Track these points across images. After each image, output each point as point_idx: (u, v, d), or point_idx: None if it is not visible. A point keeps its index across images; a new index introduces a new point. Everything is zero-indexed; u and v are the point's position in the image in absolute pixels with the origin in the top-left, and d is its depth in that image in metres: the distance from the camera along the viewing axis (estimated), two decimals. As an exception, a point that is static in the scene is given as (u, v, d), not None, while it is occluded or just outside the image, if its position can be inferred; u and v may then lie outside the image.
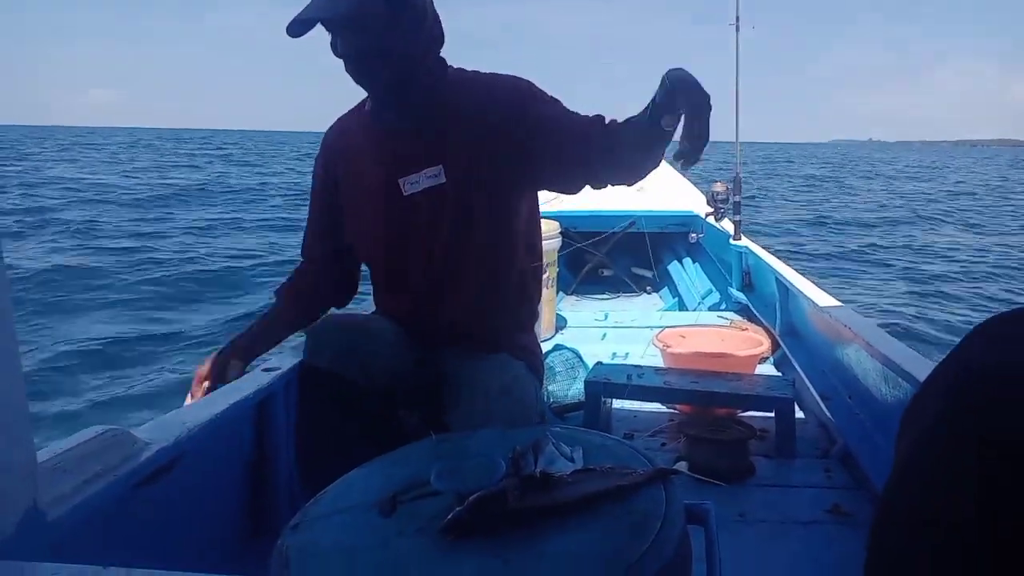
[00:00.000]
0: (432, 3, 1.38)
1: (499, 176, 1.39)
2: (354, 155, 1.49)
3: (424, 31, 1.36)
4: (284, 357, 1.59)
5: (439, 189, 1.39)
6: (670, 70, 1.22)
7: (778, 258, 3.25)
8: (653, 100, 1.24)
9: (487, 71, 1.47)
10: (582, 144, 1.34)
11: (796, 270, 2.94)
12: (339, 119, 1.56)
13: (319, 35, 1.33)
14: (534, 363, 1.53)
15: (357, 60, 1.33)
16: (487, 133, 1.37)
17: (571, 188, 1.44)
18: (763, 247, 3.54)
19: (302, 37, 1.31)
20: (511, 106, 1.38)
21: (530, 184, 1.47)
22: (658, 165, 1.37)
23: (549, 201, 4.35)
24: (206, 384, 1.43)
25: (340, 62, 1.34)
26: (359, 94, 1.44)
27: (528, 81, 1.43)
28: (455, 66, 1.46)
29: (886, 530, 0.48)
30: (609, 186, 1.41)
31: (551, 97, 1.41)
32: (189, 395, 1.44)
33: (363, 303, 1.81)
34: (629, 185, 1.41)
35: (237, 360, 1.47)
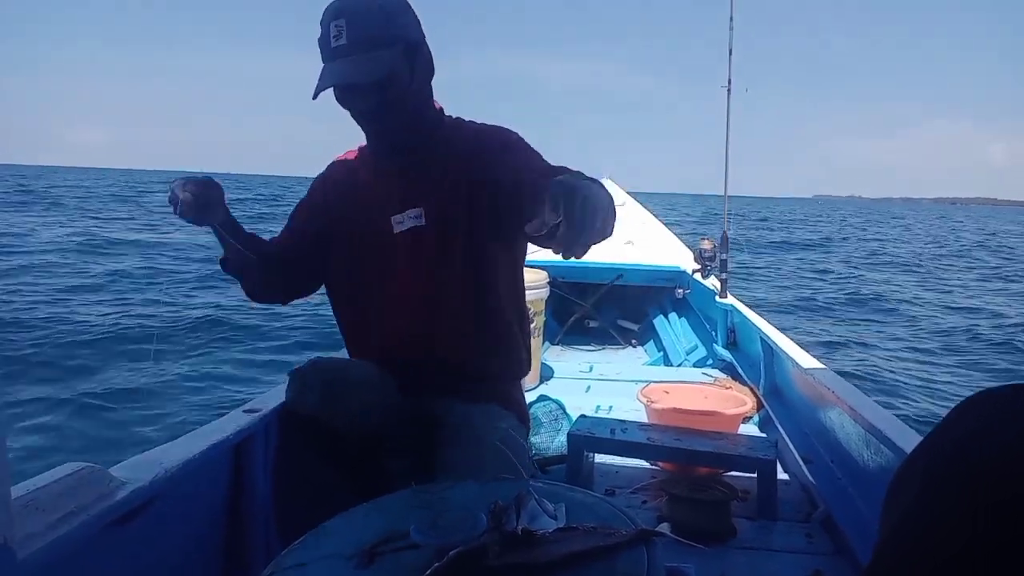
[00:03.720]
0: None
1: (477, 223, 1.41)
2: (351, 188, 1.52)
3: (430, 76, 1.41)
4: (264, 398, 1.57)
5: (420, 231, 1.43)
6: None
7: (763, 318, 3.27)
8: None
9: (481, 121, 1.50)
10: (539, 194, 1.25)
11: (781, 330, 2.96)
12: (347, 151, 1.59)
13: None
14: (523, 416, 1.53)
15: (377, 115, 1.36)
16: (465, 180, 1.40)
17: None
18: (749, 305, 3.57)
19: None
20: (489, 153, 1.40)
21: (506, 233, 1.44)
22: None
23: (538, 251, 4.38)
24: (189, 191, 1.26)
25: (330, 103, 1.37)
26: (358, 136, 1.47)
27: (514, 133, 1.44)
28: (453, 115, 1.50)
29: None
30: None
31: (531, 150, 1.41)
32: (177, 190, 1.26)
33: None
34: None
35: (224, 207, 1.34)
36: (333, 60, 1.31)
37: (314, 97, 1.32)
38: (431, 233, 1.42)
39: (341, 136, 1.45)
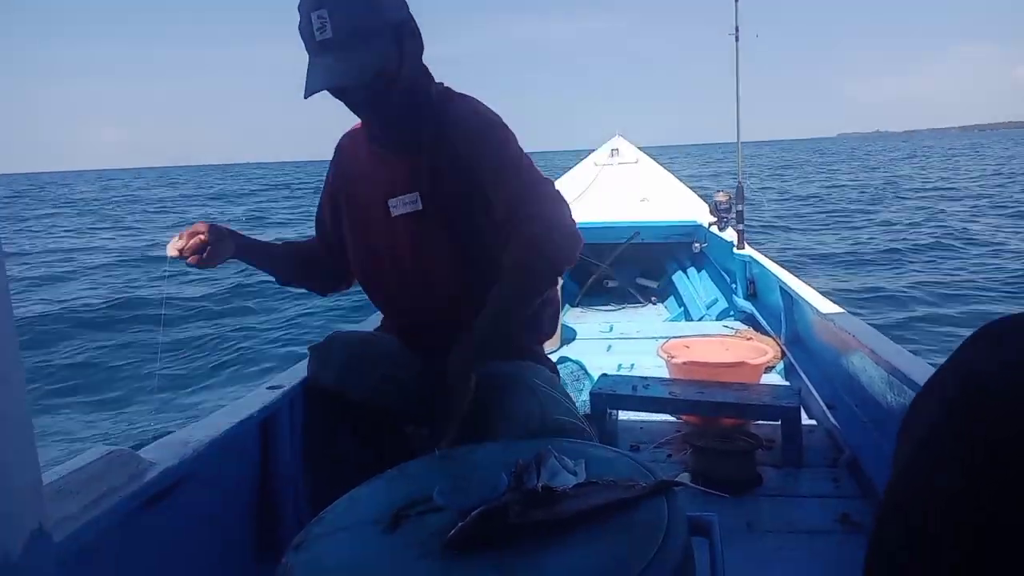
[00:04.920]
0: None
1: (471, 203, 1.38)
2: (354, 172, 1.51)
3: (421, 52, 1.37)
4: (287, 374, 1.59)
5: (417, 215, 1.40)
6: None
7: (782, 266, 3.24)
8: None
9: (473, 96, 1.45)
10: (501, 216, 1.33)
11: (801, 278, 2.93)
12: (353, 128, 1.56)
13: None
14: (552, 367, 1.54)
15: (371, 106, 1.34)
16: (453, 164, 1.37)
17: None
18: (767, 255, 3.54)
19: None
20: (473, 145, 1.37)
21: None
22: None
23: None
24: (199, 238, 1.32)
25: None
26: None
27: (502, 126, 1.40)
28: (444, 84, 1.46)
29: (885, 531, 0.48)
30: None
31: (512, 166, 1.36)
32: (176, 236, 1.33)
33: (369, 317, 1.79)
34: None
35: (229, 242, 1.40)
36: (320, 55, 1.26)
37: (305, 97, 1.26)
38: (428, 217, 1.40)
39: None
